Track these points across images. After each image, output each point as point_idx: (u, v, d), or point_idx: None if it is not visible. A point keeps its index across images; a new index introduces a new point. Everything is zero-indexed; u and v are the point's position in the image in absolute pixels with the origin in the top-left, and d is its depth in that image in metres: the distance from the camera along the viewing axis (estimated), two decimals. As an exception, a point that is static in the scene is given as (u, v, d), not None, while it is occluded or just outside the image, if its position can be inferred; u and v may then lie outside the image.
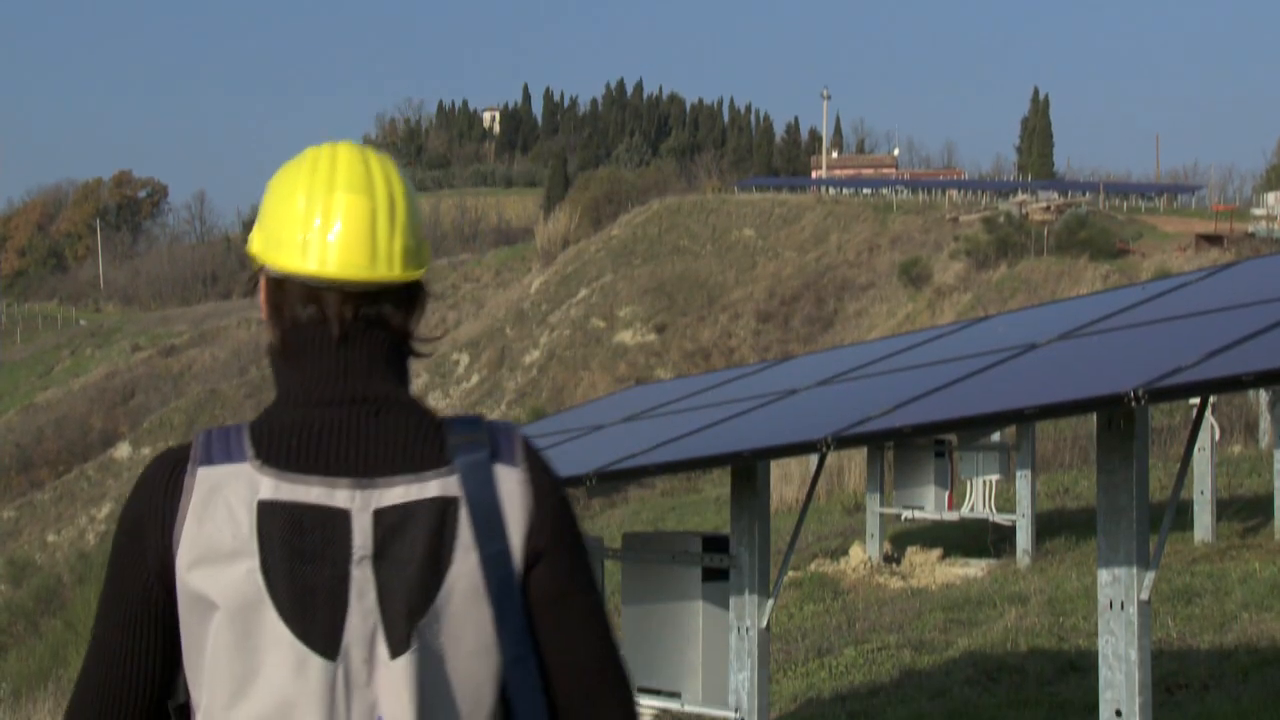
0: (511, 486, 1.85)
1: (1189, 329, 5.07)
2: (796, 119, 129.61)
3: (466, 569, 1.80)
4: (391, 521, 1.79)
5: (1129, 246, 46.70)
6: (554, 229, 67.18)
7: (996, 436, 13.66)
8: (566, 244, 64.44)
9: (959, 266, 46.27)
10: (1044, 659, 8.58)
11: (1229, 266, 6.90)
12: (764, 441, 5.32)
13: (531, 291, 58.97)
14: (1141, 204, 64.85)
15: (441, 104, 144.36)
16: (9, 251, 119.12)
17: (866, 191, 71.65)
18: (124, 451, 55.16)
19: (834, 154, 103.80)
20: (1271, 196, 53.65)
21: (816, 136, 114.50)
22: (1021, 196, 61.59)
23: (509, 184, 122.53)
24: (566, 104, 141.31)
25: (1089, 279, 38.71)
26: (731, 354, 46.12)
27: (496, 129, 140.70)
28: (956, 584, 12.19)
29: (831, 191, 71.67)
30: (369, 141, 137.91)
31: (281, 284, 1.89)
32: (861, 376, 6.47)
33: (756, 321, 49.70)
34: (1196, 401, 9.21)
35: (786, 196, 66.69)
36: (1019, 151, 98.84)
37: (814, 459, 12.76)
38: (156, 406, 61.35)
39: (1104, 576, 4.50)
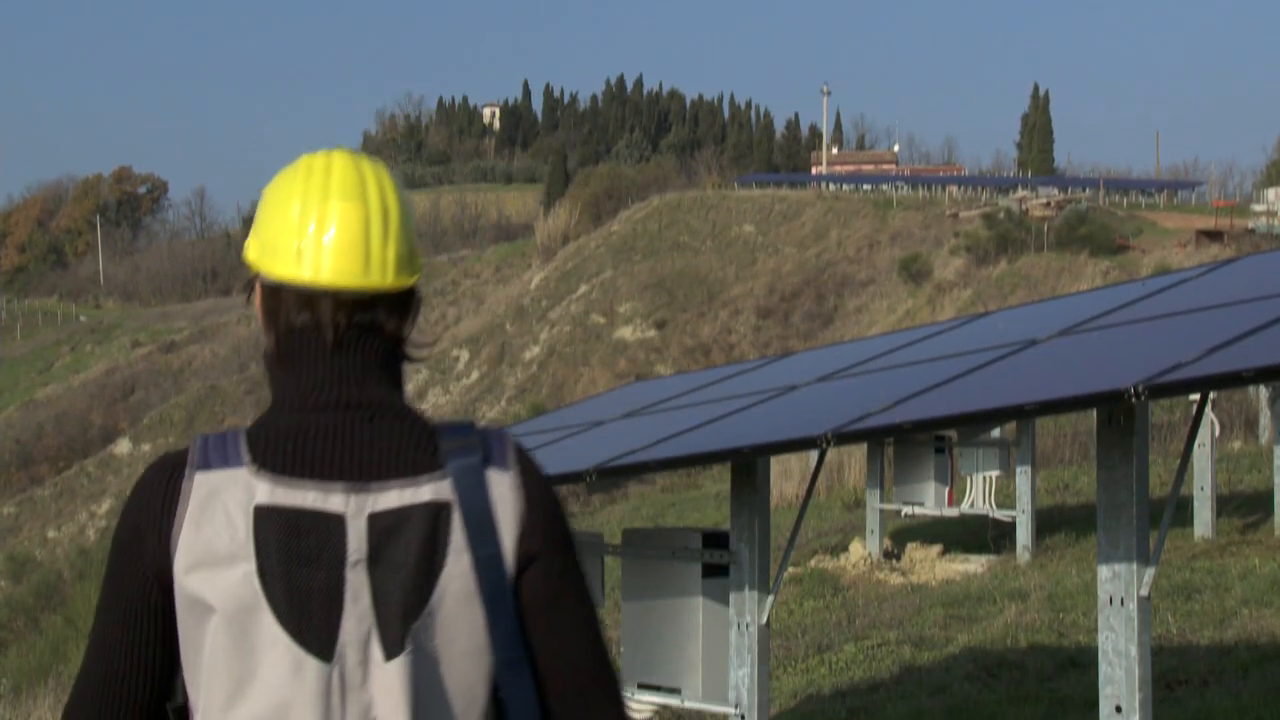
0: (503, 491, 1.87)
1: (1189, 325, 5.06)
2: (797, 115, 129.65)
3: (459, 572, 1.82)
4: (386, 525, 1.81)
5: (1129, 242, 46.70)
6: (554, 225, 67.19)
7: (996, 432, 13.66)
8: (566, 240, 64.45)
9: (959, 263, 46.26)
10: (1044, 655, 8.59)
11: (1229, 262, 6.89)
12: (764, 437, 5.31)
13: (531, 288, 58.97)
14: (1142, 200, 64.80)
15: (441, 100, 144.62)
16: (9, 247, 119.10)
17: (867, 187, 71.62)
18: (124, 447, 55.19)
19: (834, 150, 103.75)
20: (1272, 192, 53.68)
21: (817, 132, 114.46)
22: (1022, 192, 61.54)
23: (509, 180, 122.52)
24: (566, 100, 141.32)
25: (1089, 275, 38.72)
26: (731, 350, 46.12)
27: (496, 125, 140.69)
28: (956, 580, 12.19)
29: (832, 187, 71.68)
30: (369, 137, 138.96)
31: (277, 291, 1.91)
32: (861, 372, 6.46)
33: (756, 317, 49.69)
34: (1196, 397, 9.22)
35: (787, 192, 66.70)
36: (1019, 147, 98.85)
37: (814, 455, 12.79)
38: (156, 402, 61.37)
39: (1104, 572, 4.50)
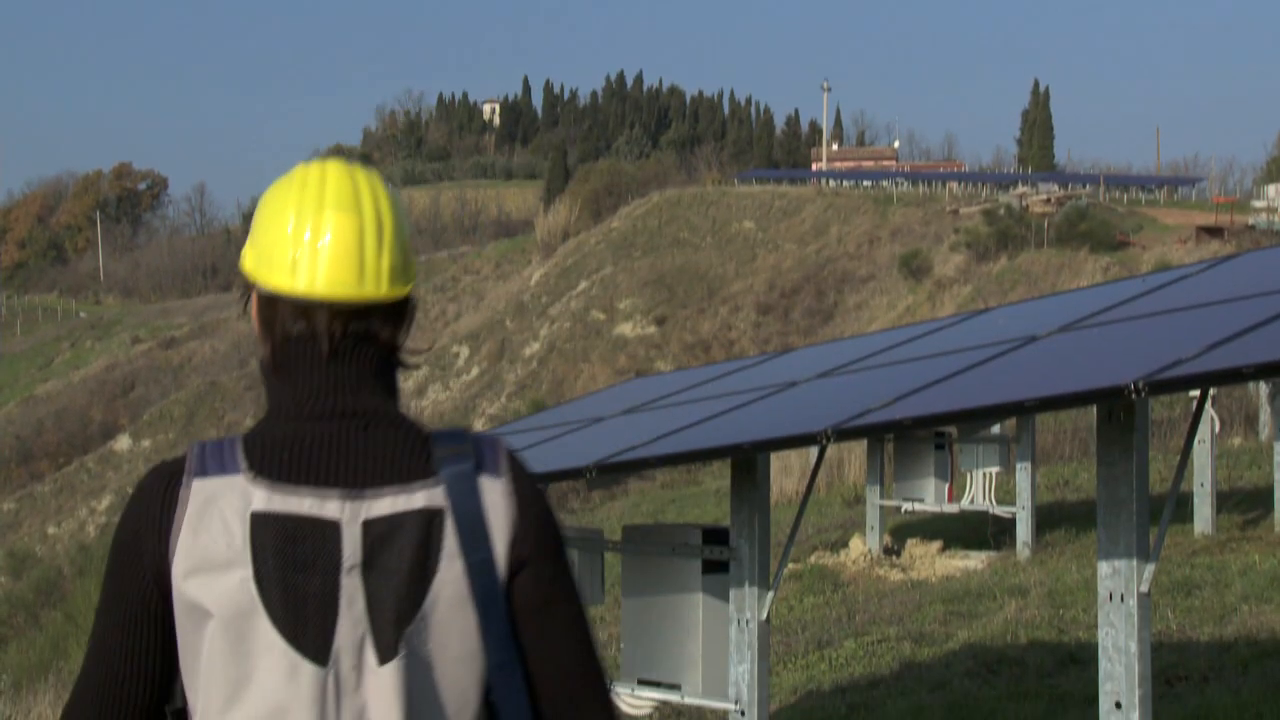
0: (496, 497, 1.90)
1: (1189, 321, 5.06)
2: (797, 111, 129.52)
3: (452, 577, 1.84)
4: (380, 532, 1.84)
5: (1129, 239, 46.69)
6: (554, 221, 67.19)
7: (996, 429, 13.65)
8: (566, 236, 64.46)
9: (959, 259, 46.25)
10: (1044, 651, 8.59)
11: (1229, 259, 6.88)
12: (764, 434, 5.31)
13: (531, 284, 58.97)
14: (1142, 196, 64.75)
15: (441, 96, 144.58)
16: (9, 243, 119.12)
17: (867, 184, 71.55)
18: (124, 444, 55.21)
19: (834, 146, 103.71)
20: (1272, 188, 53.68)
21: (817, 129, 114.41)
22: (1022, 189, 61.56)
23: (509, 176, 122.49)
24: (566, 96, 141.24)
25: (1089, 271, 38.71)
26: (731, 346, 46.12)
27: (496, 121, 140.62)
28: (956, 576, 12.19)
29: (832, 184, 71.60)
30: (369, 134, 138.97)
31: (272, 301, 1.93)
32: (861, 369, 6.46)
33: (756, 314, 49.69)
34: (1197, 394, 9.22)
35: (786, 189, 66.72)
36: (1019, 144, 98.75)
37: (814, 451, 12.76)
38: (156, 399, 61.40)
39: (1104, 569, 4.50)
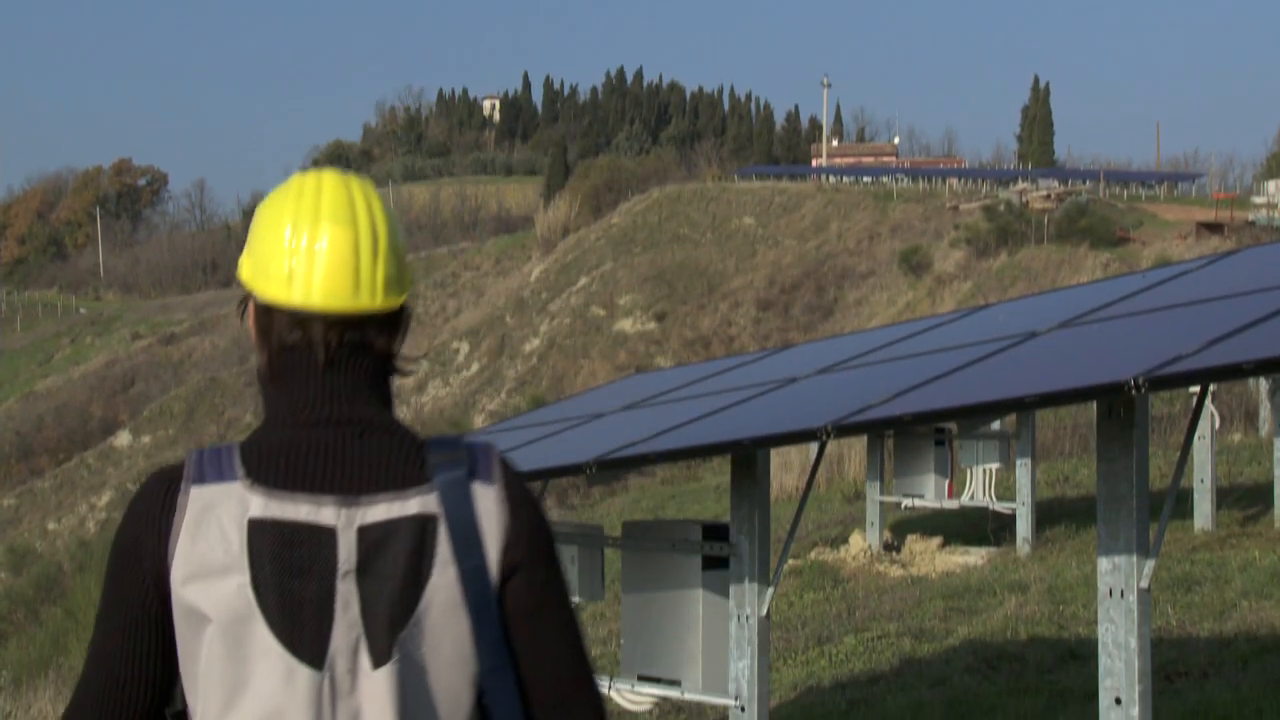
0: (488, 504, 1.92)
1: (1189, 317, 5.06)
2: (797, 107, 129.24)
3: (445, 582, 1.87)
4: (375, 538, 1.87)
5: (1129, 234, 46.65)
6: (554, 217, 67.13)
7: (996, 425, 13.67)
8: (566, 232, 64.40)
9: (959, 255, 46.21)
10: (1044, 647, 8.59)
11: (1229, 254, 6.88)
12: (764, 430, 5.31)
13: (531, 280, 58.94)
14: (1142, 192, 64.73)
15: (441, 92, 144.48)
16: (9, 239, 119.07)
17: (867, 180, 71.47)
18: (124, 439, 55.20)
19: (834, 142, 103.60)
20: (1272, 184, 53.59)
21: (817, 124, 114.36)
22: (1022, 184, 61.47)
23: (509, 172, 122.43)
24: (566, 92, 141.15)
25: (1089, 267, 38.69)
26: (731, 342, 46.09)
27: (496, 117, 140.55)
28: (956, 572, 12.20)
29: (832, 180, 71.54)
30: (369, 129, 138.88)
31: (269, 310, 1.96)
32: (861, 365, 6.46)
33: (756, 310, 49.65)
34: (1196, 389, 9.21)
35: (787, 185, 66.64)
36: (1019, 140, 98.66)
37: (814, 447, 12.76)
38: (156, 394, 61.38)
39: (1104, 564, 4.50)
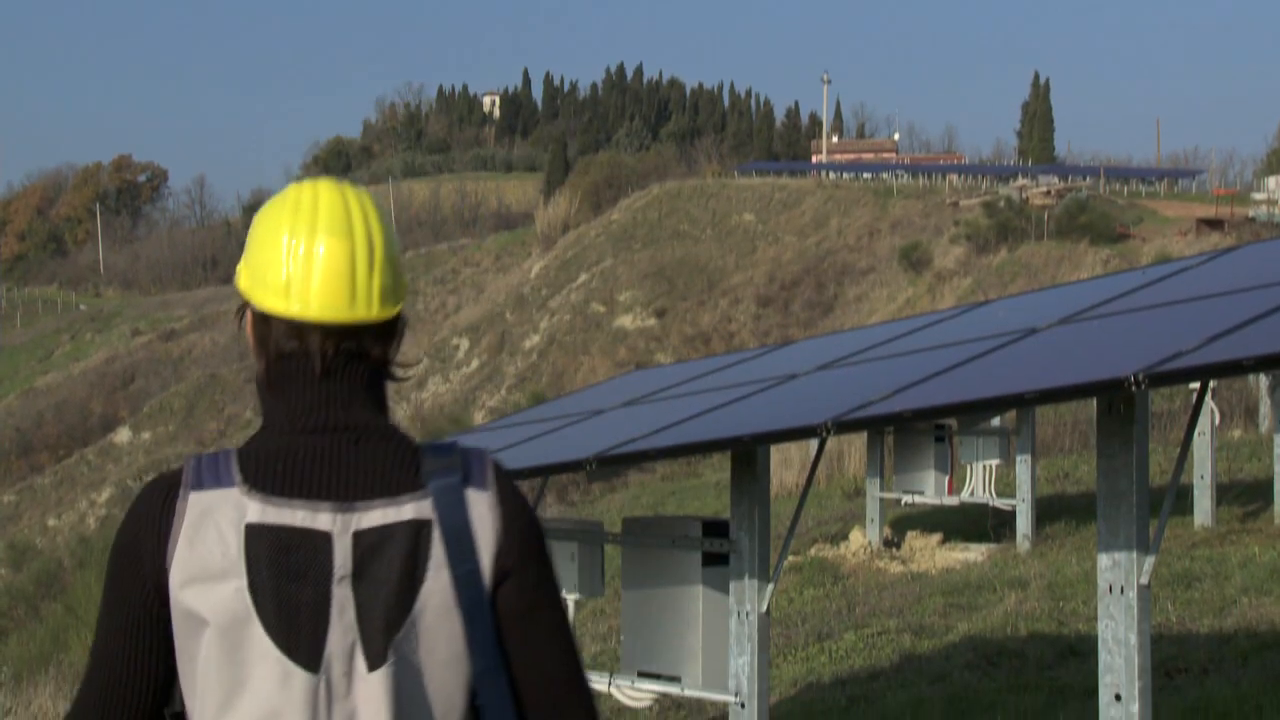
0: (482, 510, 1.95)
1: (1189, 313, 5.06)
2: (797, 103, 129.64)
3: (439, 586, 1.90)
4: (370, 543, 1.89)
5: (1129, 231, 46.63)
6: (554, 213, 67.12)
7: (996, 421, 13.66)
8: (566, 228, 64.39)
9: (959, 251, 46.19)
10: (1044, 643, 8.59)
11: (1229, 251, 6.88)
12: (764, 426, 5.31)
13: (531, 276, 58.93)
14: (1142, 188, 64.72)
15: (441, 88, 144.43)
16: (9, 235, 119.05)
17: (867, 176, 71.50)
18: (124, 436, 55.23)
19: (834, 138, 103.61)
20: (1272, 180, 53.55)
21: (817, 121, 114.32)
22: (1022, 181, 61.47)
23: (509, 168, 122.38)
24: (566, 88, 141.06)
25: (1089, 263, 38.67)
26: (731, 339, 46.09)
27: (496, 113, 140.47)
28: (956, 569, 12.20)
29: (832, 176, 71.54)
30: (369, 126, 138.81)
31: (266, 319, 1.99)
32: (861, 361, 6.46)
33: (756, 306, 49.65)
34: (1196, 386, 9.22)
35: (786, 181, 66.61)
36: (1019, 136, 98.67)
37: (814, 444, 12.76)
38: (156, 391, 61.39)
39: (1104, 561, 4.50)
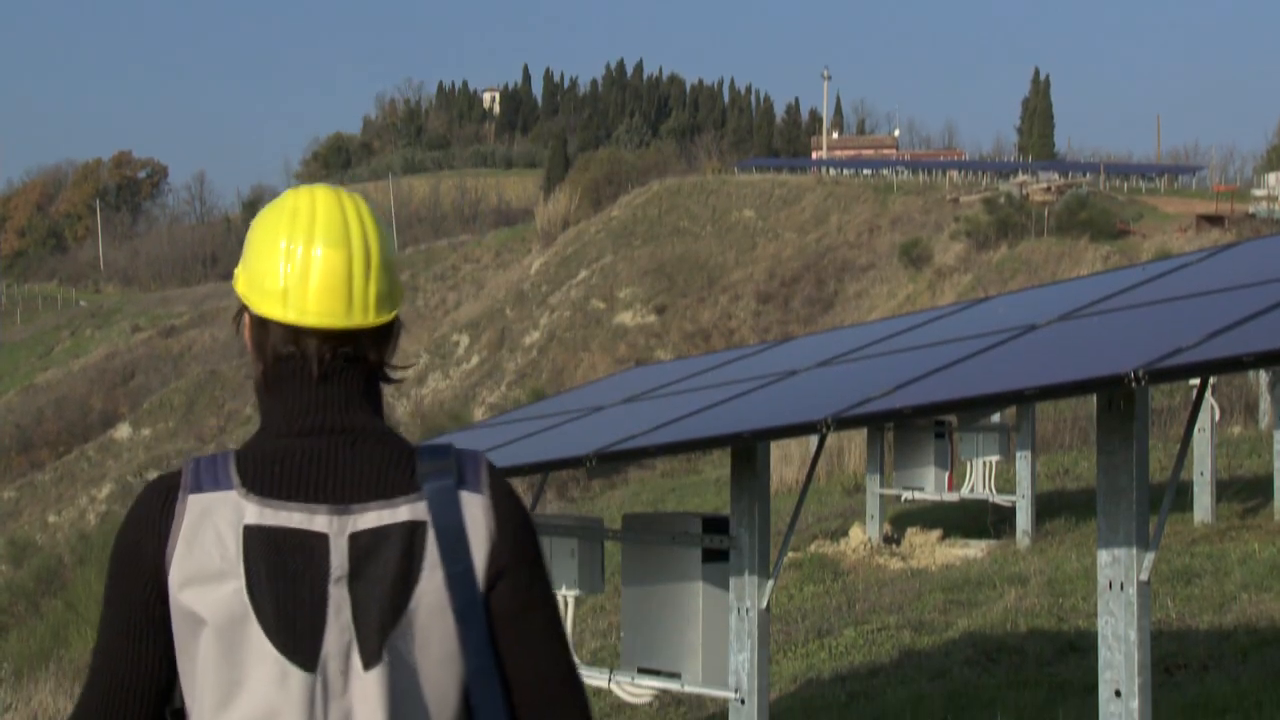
0: (476, 511, 1.98)
1: (1189, 310, 5.05)
2: (797, 100, 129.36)
3: (433, 587, 1.92)
4: (365, 544, 1.92)
5: (1129, 227, 46.63)
6: (554, 210, 67.13)
7: (996, 417, 13.66)
8: (566, 225, 64.40)
9: (959, 247, 46.19)
10: (1044, 640, 8.60)
11: (1230, 247, 6.87)
12: (764, 422, 5.31)
13: (531, 273, 58.94)
14: (1142, 185, 64.68)
15: (441, 84, 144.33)
16: (9, 232, 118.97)
17: (867, 172, 71.45)
18: (124, 432, 55.25)
19: (834, 135, 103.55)
20: (1272, 177, 53.52)
21: (817, 117, 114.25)
22: (1022, 177, 61.42)
23: (509, 165, 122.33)
24: (566, 85, 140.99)
25: (1089, 260, 38.68)
26: (731, 335, 46.09)
27: (496, 110, 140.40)
28: (956, 565, 12.20)
29: (832, 172, 71.54)
30: (369, 122, 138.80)
31: (264, 323, 2.02)
32: (861, 357, 6.46)
33: (756, 303, 49.66)
34: (1196, 382, 9.21)
35: (787, 177, 66.65)
36: (1019, 132, 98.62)
37: (814, 440, 12.77)
38: (156, 387, 61.42)
39: (1103, 557, 4.50)
